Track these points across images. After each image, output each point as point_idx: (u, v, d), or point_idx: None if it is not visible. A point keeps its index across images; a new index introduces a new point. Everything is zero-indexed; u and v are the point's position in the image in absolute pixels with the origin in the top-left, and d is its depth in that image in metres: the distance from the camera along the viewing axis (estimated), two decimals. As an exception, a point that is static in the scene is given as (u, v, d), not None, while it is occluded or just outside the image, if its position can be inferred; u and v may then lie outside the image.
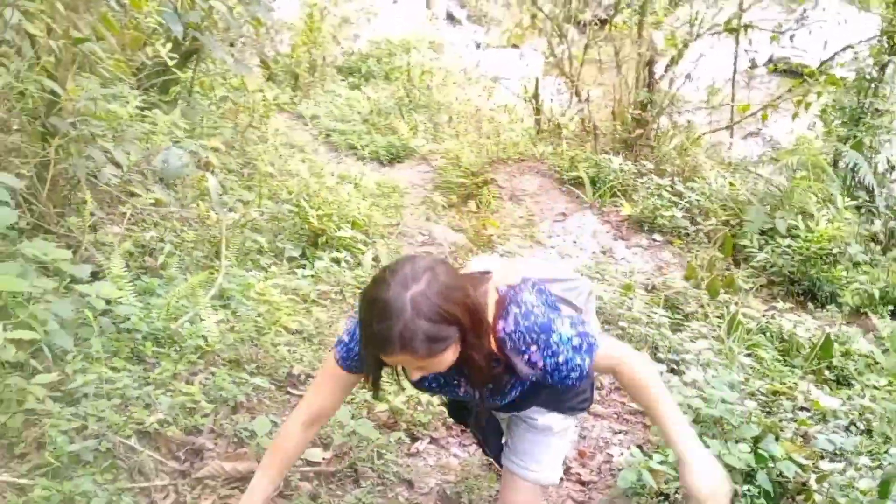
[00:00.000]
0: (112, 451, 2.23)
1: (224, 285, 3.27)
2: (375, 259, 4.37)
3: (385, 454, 2.62)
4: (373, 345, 1.47)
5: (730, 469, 2.49)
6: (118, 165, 3.34)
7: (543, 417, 1.93)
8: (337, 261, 4.17)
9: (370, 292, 1.47)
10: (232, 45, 6.14)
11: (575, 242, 5.72)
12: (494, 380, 1.65)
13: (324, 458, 2.51)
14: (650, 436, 2.95)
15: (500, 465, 2.09)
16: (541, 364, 1.58)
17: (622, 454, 2.87)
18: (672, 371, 3.56)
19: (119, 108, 3.57)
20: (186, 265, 3.46)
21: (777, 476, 2.52)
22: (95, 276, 2.85)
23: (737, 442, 2.60)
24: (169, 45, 4.46)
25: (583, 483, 2.78)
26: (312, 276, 3.92)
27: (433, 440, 2.87)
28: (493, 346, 1.58)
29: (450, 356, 1.50)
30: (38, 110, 3.05)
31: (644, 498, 2.53)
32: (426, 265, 1.48)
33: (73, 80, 3.13)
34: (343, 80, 10.65)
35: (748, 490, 2.50)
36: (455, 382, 1.74)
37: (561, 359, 1.57)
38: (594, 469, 2.84)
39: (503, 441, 2.09)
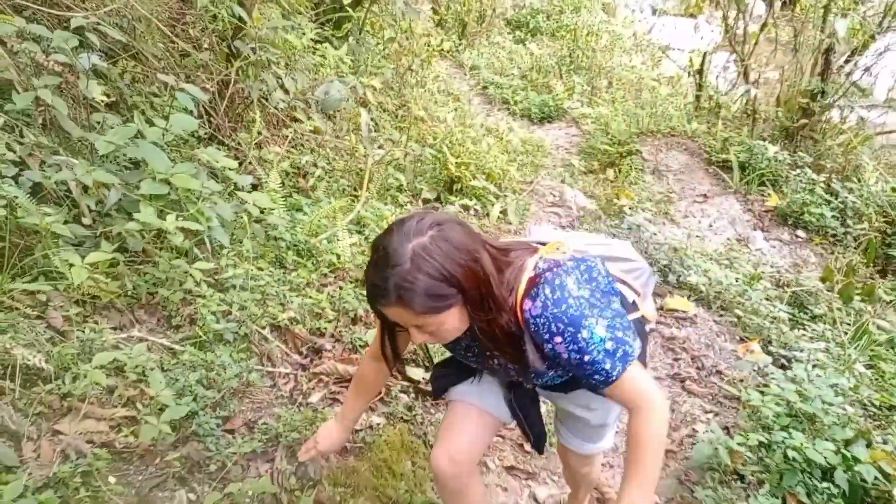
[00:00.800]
0: (248, 336, 2.61)
1: (362, 213, 3.58)
2: (503, 212, 4.55)
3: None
4: (371, 294, 1.39)
5: (810, 463, 2.52)
6: (286, 91, 3.70)
7: (595, 416, 1.87)
8: (466, 207, 4.39)
9: (376, 241, 1.42)
10: (404, -10, 6.43)
11: (711, 226, 5.62)
12: (518, 359, 1.53)
13: (423, 378, 2.77)
14: (739, 419, 2.98)
15: (537, 449, 1.95)
16: (565, 356, 1.45)
17: (707, 431, 2.93)
18: (781, 367, 3.52)
19: (295, 38, 3.94)
20: (332, 190, 3.81)
21: (861, 480, 2.51)
22: (255, 187, 3.24)
23: (825, 440, 2.60)
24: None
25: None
26: (443, 217, 4.16)
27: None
28: (521, 324, 1.47)
29: (452, 322, 1.41)
30: (226, 33, 3.45)
31: (718, 474, 2.60)
32: (435, 220, 1.39)
33: (258, 10, 3.50)
34: (510, 34, 10.73)
35: (828, 487, 2.50)
36: (488, 354, 1.66)
37: (587, 358, 1.43)
38: (676, 440, 2.93)
39: (555, 424, 2.04)
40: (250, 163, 3.43)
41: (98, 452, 1.88)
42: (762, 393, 2.89)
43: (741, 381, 3.35)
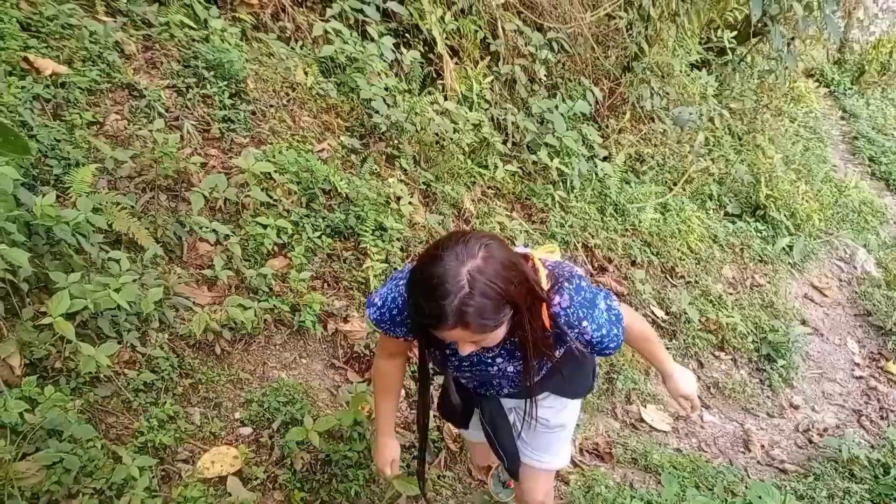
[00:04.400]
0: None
1: (669, 201, 4.93)
2: (789, 245, 5.48)
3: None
4: (426, 319, 1.43)
5: None
6: (652, 99, 5.13)
7: (556, 417, 2.09)
8: (759, 231, 5.42)
9: (424, 269, 1.43)
10: (793, 39, 7.23)
11: None
12: (543, 354, 1.66)
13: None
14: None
15: (509, 471, 2.19)
16: (588, 336, 1.62)
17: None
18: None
19: (676, 62, 5.31)
20: (657, 179, 5.18)
21: None
22: (605, 158, 4.77)
23: None
24: (734, 33, 5.93)
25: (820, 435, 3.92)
26: (733, 231, 5.29)
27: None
28: (548, 321, 1.60)
29: (502, 332, 1.51)
30: (629, 52, 4.95)
31: (835, 464, 3.59)
32: (480, 241, 1.44)
33: (656, 43, 4.94)
34: (913, 93, 10.32)
35: None
36: (489, 361, 1.78)
37: (605, 331, 1.63)
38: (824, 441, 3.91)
39: (517, 436, 2.14)
40: (606, 142, 4.95)
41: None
42: (907, 438, 3.71)
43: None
